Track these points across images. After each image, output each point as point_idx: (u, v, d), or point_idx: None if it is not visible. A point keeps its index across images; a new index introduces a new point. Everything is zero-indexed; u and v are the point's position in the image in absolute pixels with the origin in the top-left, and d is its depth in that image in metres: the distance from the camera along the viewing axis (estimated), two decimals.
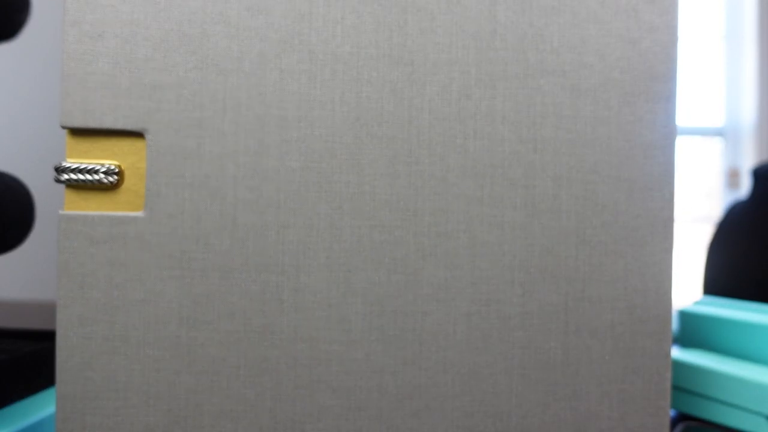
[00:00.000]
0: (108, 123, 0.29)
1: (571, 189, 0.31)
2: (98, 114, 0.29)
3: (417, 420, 0.30)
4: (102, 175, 0.29)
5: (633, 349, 0.31)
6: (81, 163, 0.29)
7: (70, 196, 0.29)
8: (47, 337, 0.45)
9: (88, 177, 0.29)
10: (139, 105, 0.29)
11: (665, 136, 0.32)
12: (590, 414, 0.31)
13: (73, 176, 0.29)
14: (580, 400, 0.31)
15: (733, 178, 1.50)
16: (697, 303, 0.47)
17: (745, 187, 1.47)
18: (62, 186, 0.62)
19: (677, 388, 0.40)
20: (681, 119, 1.48)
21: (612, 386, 0.31)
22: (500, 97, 0.31)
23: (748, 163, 1.47)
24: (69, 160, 0.29)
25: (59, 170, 0.29)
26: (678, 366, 0.40)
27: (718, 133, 1.53)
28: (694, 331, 0.44)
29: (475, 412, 0.31)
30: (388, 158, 0.30)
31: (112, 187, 0.29)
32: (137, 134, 0.30)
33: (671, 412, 0.40)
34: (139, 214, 0.29)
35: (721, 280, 0.67)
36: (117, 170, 0.29)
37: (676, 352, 0.42)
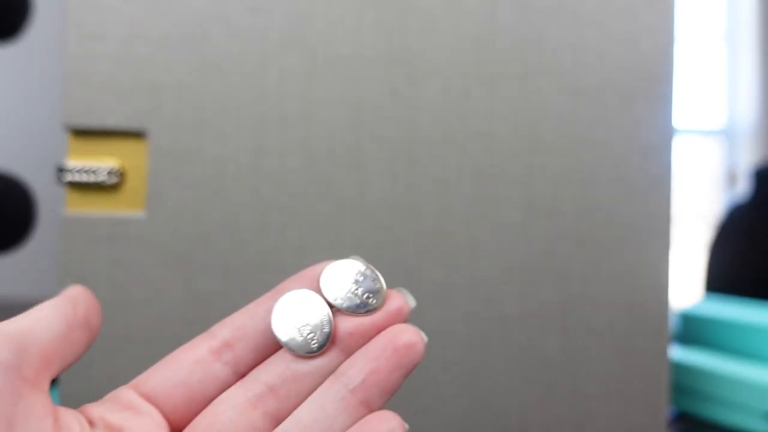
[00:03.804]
0: (110, 123, 0.29)
1: (570, 189, 0.31)
2: (100, 114, 0.29)
3: (417, 420, 0.30)
4: (104, 176, 0.29)
5: (631, 348, 0.31)
6: (83, 163, 0.29)
7: (72, 196, 0.29)
8: None
9: (90, 177, 0.29)
10: (140, 105, 0.29)
11: (664, 136, 0.32)
12: (589, 413, 0.31)
13: (75, 176, 0.29)
14: (578, 399, 0.31)
15: (732, 178, 1.50)
16: (697, 303, 0.47)
17: (745, 188, 1.47)
18: (64, 186, 0.62)
19: (678, 387, 0.40)
20: (681, 119, 1.49)
21: (611, 385, 0.31)
22: (500, 97, 0.31)
23: (747, 163, 1.47)
24: (71, 160, 0.29)
25: (61, 171, 0.29)
26: (678, 365, 0.40)
27: (718, 133, 1.53)
28: (694, 330, 0.44)
29: (475, 412, 0.31)
30: (388, 158, 0.30)
31: (114, 188, 0.30)
32: (139, 134, 0.30)
33: (672, 411, 0.40)
34: (141, 214, 0.29)
35: (721, 279, 0.68)
36: (118, 170, 0.29)
37: (677, 352, 0.42)
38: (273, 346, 0.18)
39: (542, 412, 0.31)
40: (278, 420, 0.18)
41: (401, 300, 0.19)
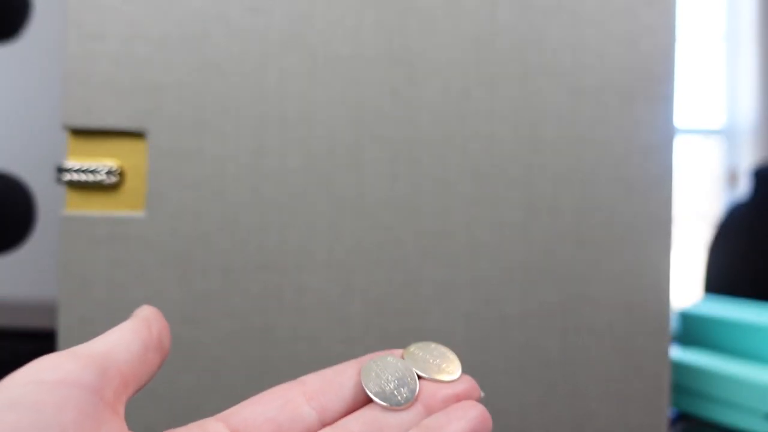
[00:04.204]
0: (109, 123, 0.29)
1: (570, 189, 0.31)
2: (100, 114, 0.29)
3: None
4: (103, 175, 0.29)
5: (632, 348, 0.31)
6: (82, 163, 0.29)
7: (72, 196, 0.29)
8: (47, 337, 0.45)
9: (90, 177, 0.29)
10: (140, 105, 0.29)
11: (664, 136, 0.32)
12: (589, 413, 0.31)
13: (74, 176, 0.29)
14: (578, 399, 0.31)
15: (732, 178, 1.50)
16: (697, 303, 0.47)
17: (744, 187, 1.47)
18: (64, 186, 0.62)
19: (677, 388, 0.40)
20: (681, 119, 1.49)
21: (611, 385, 0.31)
22: (500, 97, 0.31)
23: (747, 163, 1.47)
24: (70, 160, 0.29)
25: (61, 170, 0.29)
26: (678, 365, 0.40)
27: (718, 133, 1.53)
28: (694, 331, 0.44)
29: None
30: (388, 158, 0.30)
31: (114, 187, 0.30)
32: (138, 134, 0.30)
33: (672, 411, 0.40)
34: (140, 214, 0.29)
35: (721, 279, 0.68)
36: (118, 170, 0.29)
37: (677, 352, 0.42)
38: (360, 402, 0.19)
39: (542, 412, 0.31)
40: None
41: (474, 382, 0.20)
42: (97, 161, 0.29)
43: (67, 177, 0.29)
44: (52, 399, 0.14)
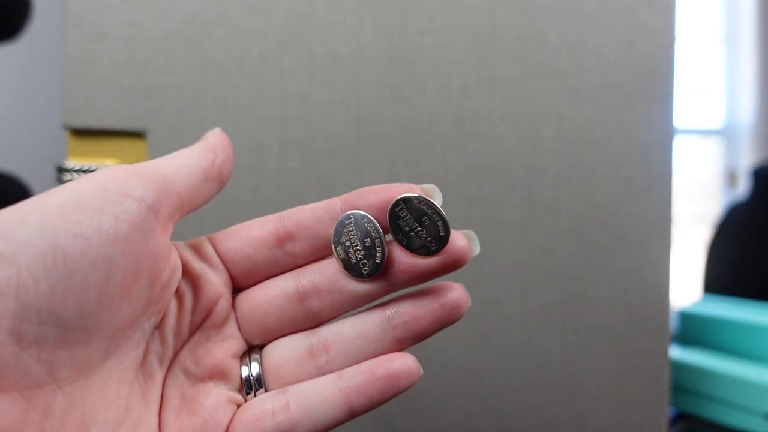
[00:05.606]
0: (109, 123, 0.29)
1: (570, 189, 0.31)
2: (100, 114, 0.29)
3: (417, 420, 0.30)
4: None
5: (631, 348, 0.31)
6: (82, 163, 0.29)
7: None
8: None
9: None
10: (140, 105, 0.29)
11: (664, 136, 0.32)
12: (589, 413, 0.31)
13: (74, 176, 0.29)
14: (579, 399, 0.31)
15: (732, 178, 1.51)
16: (697, 303, 0.47)
17: (743, 187, 1.47)
18: None
19: (677, 388, 0.40)
20: (680, 119, 1.49)
21: (611, 385, 0.31)
22: (500, 97, 0.31)
23: (746, 163, 1.47)
24: (70, 160, 0.29)
25: (61, 170, 0.29)
26: (678, 365, 0.40)
27: (718, 133, 1.53)
28: (694, 330, 0.44)
29: (475, 412, 0.31)
30: (388, 158, 0.30)
31: None
32: (138, 134, 0.30)
33: (671, 411, 0.40)
34: None
35: (721, 279, 0.68)
36: None
37: (677, 352, 0.42)
38: (329, 250, 0.19)
39: (542, 412, 0.31)
40: (315, 321, 0.19)
41: (464, 246, 0.19)
42: (97, 161, 0.29)
43: (67, 177, 0.29)
44: (114, 209, 0.16)
